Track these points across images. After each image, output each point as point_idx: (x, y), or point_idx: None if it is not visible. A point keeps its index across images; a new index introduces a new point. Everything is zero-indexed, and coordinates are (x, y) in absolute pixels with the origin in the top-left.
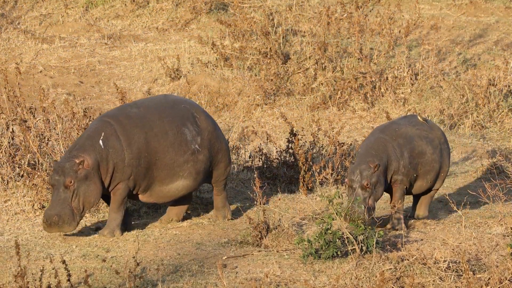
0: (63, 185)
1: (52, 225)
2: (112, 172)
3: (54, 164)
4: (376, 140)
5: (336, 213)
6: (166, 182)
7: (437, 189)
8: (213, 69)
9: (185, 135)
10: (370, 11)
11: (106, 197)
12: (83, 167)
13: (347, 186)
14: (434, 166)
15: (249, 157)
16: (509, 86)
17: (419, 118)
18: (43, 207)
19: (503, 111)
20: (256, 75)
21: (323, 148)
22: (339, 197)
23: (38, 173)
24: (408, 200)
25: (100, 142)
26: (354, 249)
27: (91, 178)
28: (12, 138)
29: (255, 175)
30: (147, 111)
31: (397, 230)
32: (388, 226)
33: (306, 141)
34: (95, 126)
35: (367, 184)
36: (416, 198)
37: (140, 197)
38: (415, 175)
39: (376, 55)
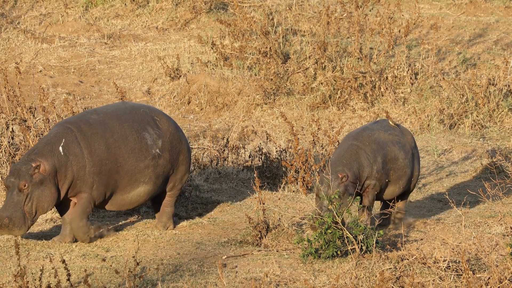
0: (17, 187)
1: (2, 227)
2: (71, 180)
3: (11, 166)
4: (348, 148)
5: (336, 213)
6: (128, 190)
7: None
8: (213, 68)
9: (146, 140)
10: (370, 11)
11: (62, 206)
12: (39, 171)
13: (315, 195)
14: (406, 172)
15: (249, 157)
16: (508, 85)
17: (390, 122)
18: None
19: (503, 111)
20: (256, 75)
21: (323, 148)
22: (338, 196)
23: None
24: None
25: (60, 148)
26: (354, 248)
27: (47, 183)
28: (12, 138)
29: (255, 175)
30: (107, 117)
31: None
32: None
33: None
34: (56, 132)
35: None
36: (385, 204)
37: (102, 206)
38: (387, 180)
39: (376, 55)
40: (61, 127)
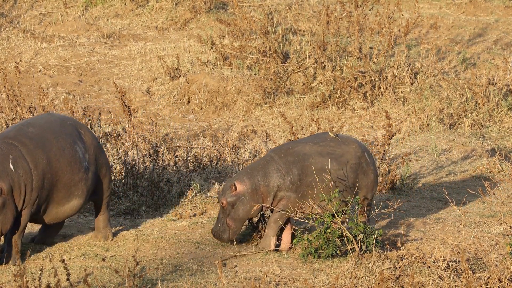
0: None
1: None
2: (24, 195)
3: None
4: (260, 159)
5: (336, 213)
6: (63, 203)
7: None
8: (212, 68)
9: (78, 153)
10: (370, 10)
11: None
12: (0, 195)
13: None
14: (341, 183)
15: (249, 157)
16: (508, 85)
17: (330, 134)
18: None
19: (502, 110)
20: (255, 74)
21: None
22: (338, 196)
23: None
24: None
25: (11, 165)
26: (353, 248)
27: (7, 205)
28: None
29: None
30: (43, 130)
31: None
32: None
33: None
34: (0, 150)
35: (224, 203)
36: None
37: (33, 219)
38: (309, 191)
39: (376, 54)
40: (4, 144)
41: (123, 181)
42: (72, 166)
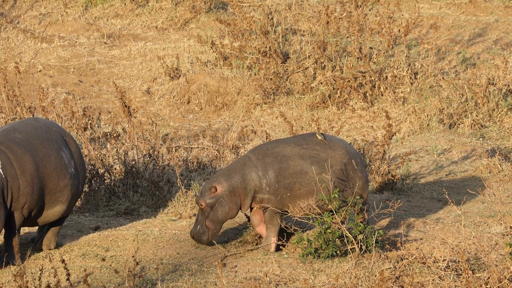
0: None
1: None
2: (11, 200)
3: None
4: (238, 160)
5: (336, 212)
6: (47, 208)
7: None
8: (212, 68)
9: (63, 159)
10: (370, 10)
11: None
12: None
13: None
14: (323, 187)
15: None
16: (508, 85)
17: (317, 136)
18: None
19: (502, 110)
20: (255, 74)
21: None
22: (338, 196)
23: None
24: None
25: (0, 170)
26: (353, 248)
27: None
28: None
29: None
30: (29, 136)
31: (269, 249)
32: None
33: None
34: None
35: (203, 205)
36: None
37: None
38: (288, 194)
39: (376, 54)
40: None
41: (123, 181)
42: (58, 172)
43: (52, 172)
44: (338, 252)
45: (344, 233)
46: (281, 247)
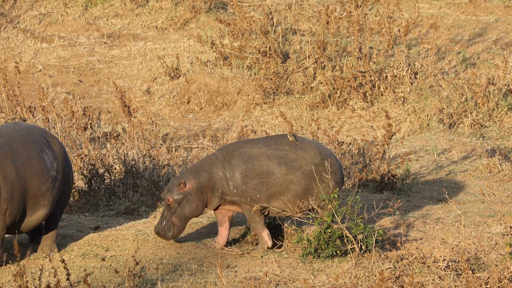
0: None
1: None
2: None
3: None
4: (206, 158)
5: (336, 212)
6: (30, 213)
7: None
8: (212, 68)
9: (46, 162)
10: (370, 10)
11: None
12: None
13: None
14: (290, 188)
15: None
16: (508, 85)
17: (289, 137)
18: None
19: (502, 110)
20: (255, 74)
21: None
22: (338, 196)
23: None
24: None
25: None
26: (353, 248)
27: None
28: None
29: None
30: (11, 139)
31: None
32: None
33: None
34: None
35: (170, 201)
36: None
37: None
38: (258, 195)
39: (376, 54)
40: None
41: (123, 181)
42: (39, 176)
43: (33, 176)
44: (338, 252)
45: (344, 233)
46: (278, 248)
